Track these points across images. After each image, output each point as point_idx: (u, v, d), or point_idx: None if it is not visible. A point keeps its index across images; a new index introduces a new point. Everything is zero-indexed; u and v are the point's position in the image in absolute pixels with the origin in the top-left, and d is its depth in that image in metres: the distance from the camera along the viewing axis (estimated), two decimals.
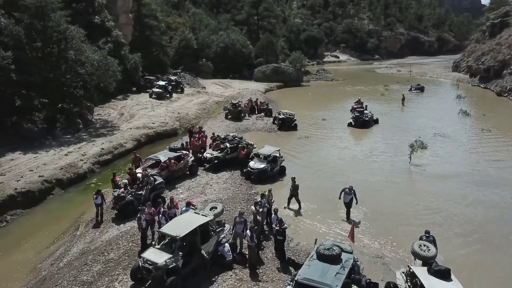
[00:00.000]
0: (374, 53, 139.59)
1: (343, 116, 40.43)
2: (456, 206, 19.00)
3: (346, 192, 17.27)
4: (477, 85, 62.56)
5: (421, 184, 21.89)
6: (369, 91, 60.45)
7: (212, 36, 68.01)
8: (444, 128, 34.37)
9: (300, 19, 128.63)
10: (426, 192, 20.73)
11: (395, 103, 47.50)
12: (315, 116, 40.73)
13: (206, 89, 53.19)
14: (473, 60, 69.15)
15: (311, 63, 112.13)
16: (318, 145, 29.79)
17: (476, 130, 33.67)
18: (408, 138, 30.91)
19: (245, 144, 24.62)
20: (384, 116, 39.50)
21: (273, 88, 62.21)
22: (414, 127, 35.11)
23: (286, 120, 34.44)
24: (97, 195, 16.75)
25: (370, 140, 31.07)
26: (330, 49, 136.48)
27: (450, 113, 41.16)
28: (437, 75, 79.06)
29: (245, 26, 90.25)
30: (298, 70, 68.71)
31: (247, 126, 35.22)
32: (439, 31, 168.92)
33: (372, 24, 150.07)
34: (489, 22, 72.23)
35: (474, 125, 35.48)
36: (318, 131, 34.21)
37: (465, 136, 32.05)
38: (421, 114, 41.40)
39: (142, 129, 31.38)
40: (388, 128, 34.98)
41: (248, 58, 67.49)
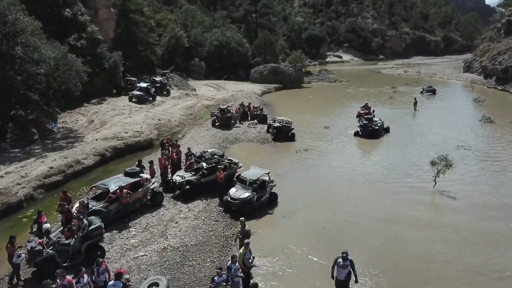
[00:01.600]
0: (379, 53, 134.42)
1: (348, 123, 35.40)
2: None
3: (339, 264, 10.92)
4: (494, 87, 57.37)
5: (457, 223, 16.70)
6: (375, 93, 55.31)
7: (205, 33, 62.99)
8: (467, 139, 29.28)
9: (301, 18, 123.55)
10: (466, 238, 15.53)
11: (406, 108, 42.40)
12: (316, 122, 35.70)
13: (196, 91, 48.20)
14: (488, 60, 63.92)
15: (313, 63, 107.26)
16: (319, 161, 24.72)
17: (504, 142, 28.51)
18: (426, 152, 26.06)
19: (227, 163, 19.59)
20: (394, 123, 34.42)
21: (271, 90, 57.18)
22: (431, 137, 30.02)
23: (282, 129, 29.41)
24: (12, 247, 11.77)
25: (382, 155, 25.97)
26: (332, 49, 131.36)
27: (470, 120, 36.06)
28: (447, 76, 73.87)
29: (243, 24, 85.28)
30: (299, 70, 63.70)
31: (236, 136, 30.19)
32: (445, 30, 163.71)
33: (376, 23, 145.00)
34: (505, 19, 66.99)
35: (501, 136, 30.33)
36: (320, 142, 29.16)
37: (495, 149, 26.88)
38: (437, 121, 36.26)
39: (110, 140, 26.36)
40: (401, 139, 29.88)
41: (244, 58, 62.48)
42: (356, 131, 30.77)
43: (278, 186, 18.95)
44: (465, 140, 28.96)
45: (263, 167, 22.41)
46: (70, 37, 35.31)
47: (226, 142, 28.46)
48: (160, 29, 57.30)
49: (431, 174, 20.55)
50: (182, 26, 62.02)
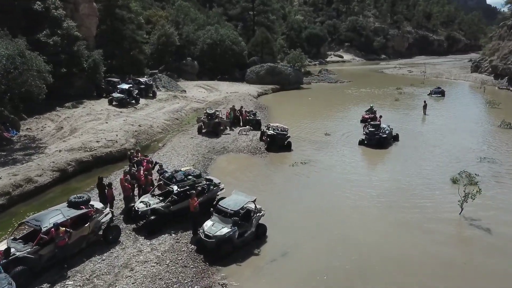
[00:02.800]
0: (381, 52, 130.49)
1: (352, 129, 31.74)
2: None
3: None
4: (506, 88, 53.63)
5: (497, 269, 13.02)
6: (379, 95, 51.58)
7: (198, 31, 59.23)
8: (489, 149, 25.56)
9: (301, 16, 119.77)
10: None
11: (415, 111, 38.66)
12: (316, 128, 32.00)
13: (186, 93, 44.46)
14: (498, 59, 60.16)
15: (313, 63, 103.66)
16: (319, 177, 20.97)
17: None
18: (444, 165, 22.42)
19: (204, 185, 15.87)
20: (403, 129, 30.71)
21: (268, 91, 53.44)
22: (446, 147, 26.25)
23: (277, 137, 25.68)
24: None
25: (393, 170, 22.16)
26: (333, 48, 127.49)
27: (487, 126, 32.35)
28: (454, 76, 70.08)
29: (240, 22, 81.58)
30: (298, 70, 59.93)
31: (225, 145, 26.45)
32: (449, 29, 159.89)
33: (378, 22, 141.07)
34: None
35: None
36: (320, 152, 25.41)
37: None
38: (450, 127, 32.52)
39: (76, 151, 22.64)
40: (412, 149, 26.14)
41: (240, 57, 58.70)
42: (361, 139, 27.05)
43: (269, 212, 15.28)
44: (486, 150, 25.24)
45: (253, 184, 18.90)
46: (41, 34, 31.60)
47: (212, 153, 24.75)
48: (149, 26, 53.53)
49: (453, 194, 16.87)
50: (174, 23, 58.25)
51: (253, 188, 18.68)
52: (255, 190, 18.45)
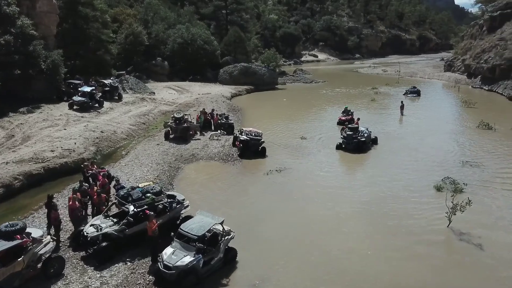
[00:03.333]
0: (355, 52, 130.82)
1: (329, 131, 30.39)
2: None
3: None
4: (480, 87, 53.66)
5: None
6: (355, 95, 50.65)
7: (168, 30, 56.84)
8: (470, 152, 24.61)
9: (275, 15, 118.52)
10: None
11: (392, 112, 37.72)
12: (292, 131, 30.47)
13: (155, 95, 42.18)
14: (471, 58, 60.36)
15: (288, 63, 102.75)
16: (295, 186, 19.38)
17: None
18: (426, 170, 21.29)
19: (165, 203, 13.99)
20: (381, 132, 29.58)
21: (242, 92, 51.71)
22: (427, 150, 25.16)
23: (250, 143, 23.97)
24: None
25: (373, 176, 20.76)
26: (308, 48, 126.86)
27: (466, 127, 31.59)
28: (428, 75, 70.18)
29: (213, 21, 79.49)
30: (272, 70, 58.43)
31: (194, 152, 24.54)
32: (420, 29, 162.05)
33: (352, 21, 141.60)
34: (487, 16, 63.68)
35: (508, 146, 25.77)
36: (296, 158, 23.86)
37: (509, 165, 22.13)
38: (429, 128, 31.64)
39: (25, 163, 20.28)
40: (392, 152, 24.94)
41: (212, 57, 56.68)
42: (339, 143, 25.66)
43: (241, 231, 13.57)
44: (468, 153, 24.28)
45: (223, 196, 17.15)
46: None
47: (180, 161, 22.82)
48: (115, 25, 50.81)
49: (439, 204, 15.64)
50: (142, 22, 55.67)
51: (224, 201, 16.94)
52: (226, 204, 16.72)
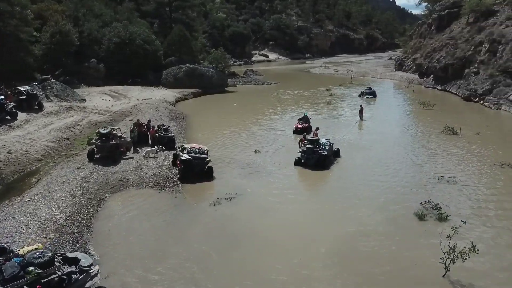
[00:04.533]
0: (305, 51, 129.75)
1: (285, 142, 26.88)
2: None
3: None
4: (433, 87, 52.79)
5: None
6: (310, 97, 47.82)
7: (103, 29, 51.03)
8: (442, 164, 21.94)
9: (224, 14, 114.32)
10: None
11: (350, 117, 34.85)
12: (244, 143, 26.65)
13: (85, 103, 36.75)
14: (422, 57, 59.72)
15: (238, 63, 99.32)
16: (248, 224, 15.38)
17: (491, 166, 21.38)
18: (400, 189, 18.19)
19: (63, 274, 9.54)
20: (342, 141, 26.53)
21: (188, 96, 47.24)
22: (395, 163, 22.18)
23: (193, 162, 19.77)
24: None
25: (342, 202, 17.28)
26: (258, 47, 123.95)
27: (430, 132, 29.23)
28: (381, 75, 69.21)
29: (157, 19, 73.93)
30: (221, 72, 54.37)
31: (124, 175, 19.95)
32: (367, 28, 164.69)
33: (301, 20, 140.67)
34: (436, 14, 63.56)
35: (480, 154, 23.45)
36: (249, 178, 19.99)
37: (486, 179, 19.56)
38: (392, 134, 29.08)
39: None
40: (358, 168, 21.74)
41: (154, 58, 51.65)
42: (298, 158, 22.10)
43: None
44: (440, 166, 21.59)
45: (152, 248, 12.83)
46: None
47: (105, 190, 18.20)
48: (38, 22, 44.41)
49: (426, 236, 12.68)
50: (72, 19, 49.45)
51: (148, 258, 12.67)
52: (151, 262, 12.47)
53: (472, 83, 43.48)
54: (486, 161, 22.06)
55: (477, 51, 46.76)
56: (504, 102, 37.35)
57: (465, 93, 43.17)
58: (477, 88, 41.78)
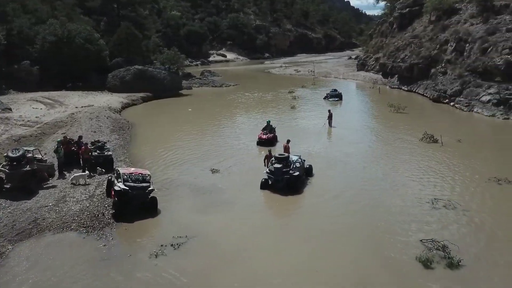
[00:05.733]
0: (264, 51, 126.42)
1: (248, 157, 23.01)
2: None
3: None
4: (398, 88, 50.75)
5: None
6: (272, 101, 44.23)
7: (37, 26, 44.85)
8: (431, 181, 18.80)
9: (178, 12, 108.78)
10: None
11: (318, 124, 31.31)
12: (199, 159, 22.50)
13: (11, 112, 31.09)
14: (385, 57, 57.80)
15: (195, 63, 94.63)
16: (202, 279, 11.36)
17: (486, 182, 18.35)
18: (391, 223, 14.72)
19: None
20: (313, 155, 23.02)
21: (137, 101, 42.27)
22: (378, 184, 18.69)
23: (131, 194, 15.33)
24: None
25: (323, 243, 13.48)
26: (216, 47, 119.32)
27: (407, 141, 26.24)
28: (343, 75, 66.89)
29: (104, 17, 67.80)
30: (175, 73, 49.75)
31: (38, 214, 15.16)
32: (325, 28, 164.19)
33: (259, 19, 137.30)
34: (397, 13, 61.95)
35: (470, 167, 20.54)
36: (205, 212, 15.80)
37: (491, 204, 16.39)
38: (366, 144, 25.85)
39: None
40: (334, 190, 18.14)
41: (98, 59, 46.08)
42: (264, 179, 18.21)
43: None
44: (429, 184, 18.41)
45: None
46: None
47: (8, 237, 13.56)
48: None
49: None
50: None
51: None
52: None
53: (440, 84, 41.50)
54: (479, 176, 19.13)
55: (442, 50, 45.08)
56: (476, 103, 35.37)
57: (433, 94, 41.10)
58: (446, 88, 39.78)
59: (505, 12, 41.38)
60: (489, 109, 33.68)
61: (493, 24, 40.34)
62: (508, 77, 34.05)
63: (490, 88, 35.25)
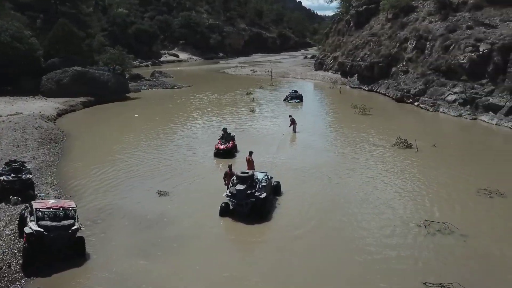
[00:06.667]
0: (218, 50, 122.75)
1: (204, 173, 19.55)
2: None
3: None
4: (358, 87, 49.07)
5: None
6: (229, 103, 40.98)
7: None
8: (415, 197, 16.35)
9: (126, 10, 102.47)
10: None
11: (280, 130, 28.41)
12: (142, 176, 18.83)
13: None
14: (344, 55, 56.20)
15: (145, 64, 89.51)
16: None
17: (476, 196, 16.22)
18: (385, 260, 11.91)
19: None
20: (278, 167, 20.01)
21: (76, 107, 37.47)
22: (353, 201, 16.13)
23: (48, 237, 11.49)
24: None
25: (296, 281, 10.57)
26: (167, 47, 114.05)
27: (380, 146, 23.92)
28: (301, 75, 64.68)
29: (41, 14, 61.38)
30: (120, 75, 45.13)
31: None
32: (279, 27, 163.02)
33: (212, 18, 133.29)
34: (354, 11, 60.64)
35: (454, 178, 18.33)
36: (148, 256, 12.22)
37: (489, 224, 14.05)
38: (337, 152, 23.26)
39: None
40: (306, 213, 15.18)
41: (29, 59, 40.52)
42: (224, 204, 14.92)
43: None
44: (415, 202, 15.93)
45: None
46: None
47: None
48: None
49: None
50: None
51: None
52: None
53: (403, 83, 40.05)
54: (466, 188, 16.94)
55: (403, 48, 43.81)
56: (441, 103, 34.02)
57: (397, 94, 39.55)
58: (409, 88, 38.31)
59: (463, 9, 40.73)
60: (456, 109, 32.37)
61: (452, 21, 39.45)
62: (473, 75, 32.89)
63: (455, 87, 34.04)
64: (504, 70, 30.66)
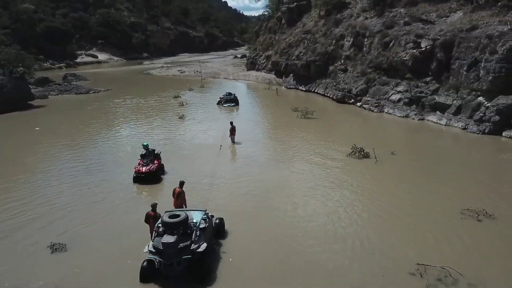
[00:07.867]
0: (142, 50, 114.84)
1: (119, 209, 14.64)
2: None
3: None
4: (295, 88, 46.23)
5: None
6: (154, 109, 35.72)
7: None
8: (396, 231, 13.07)
9: (32, 5, 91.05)
10: None
11: (215, 140, 24.16)
12: (31, 221, 13.45)
13: None
14: (277, 54, 53.19)
15: (58, 66, 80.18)
16: None
17: (462, 219, 13.39)
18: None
19: None
20: (215, 186, 15.79)
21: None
22: (316, 235, 12.52)
23: None
24: None
25: None
26: (84, 47, 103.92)
27: (333, 158, 20.58)
28: (233, 75, 60.69)
29: None
30: (20, 79, 37.67)
31: None
32: (207, 26, 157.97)
33: (134, 16, 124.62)
34: (285, 7, 57.97)
35: (429, 196, 15.39)
36: None
37: (495, 264, 11.15)
38: (285, 168, 19.47)
39: None
40: (262, 261, 11.14)
41: None
42: (146, 264, 10.29)
43: None
44: (394, 235, 12.58)
45: None
46: None
47: None
48: None
49: None
50: None
51: None
52: None
53: (342, 82, 37.73)
54: (449, 209, 14.00)
55: (339, 45, 41.64)
56: (385, 103, 31.95)
57: (337, 94, 37.06)
58: (350, 87, 35.99)
59: (398, 5, 39.49)
60: (402, 109, 30.42)
61: (389, 17, 38.00)
62: (416, 73, 31.22)
63: (398, 85, 32.20)
64: (448, 67, 29.13)
